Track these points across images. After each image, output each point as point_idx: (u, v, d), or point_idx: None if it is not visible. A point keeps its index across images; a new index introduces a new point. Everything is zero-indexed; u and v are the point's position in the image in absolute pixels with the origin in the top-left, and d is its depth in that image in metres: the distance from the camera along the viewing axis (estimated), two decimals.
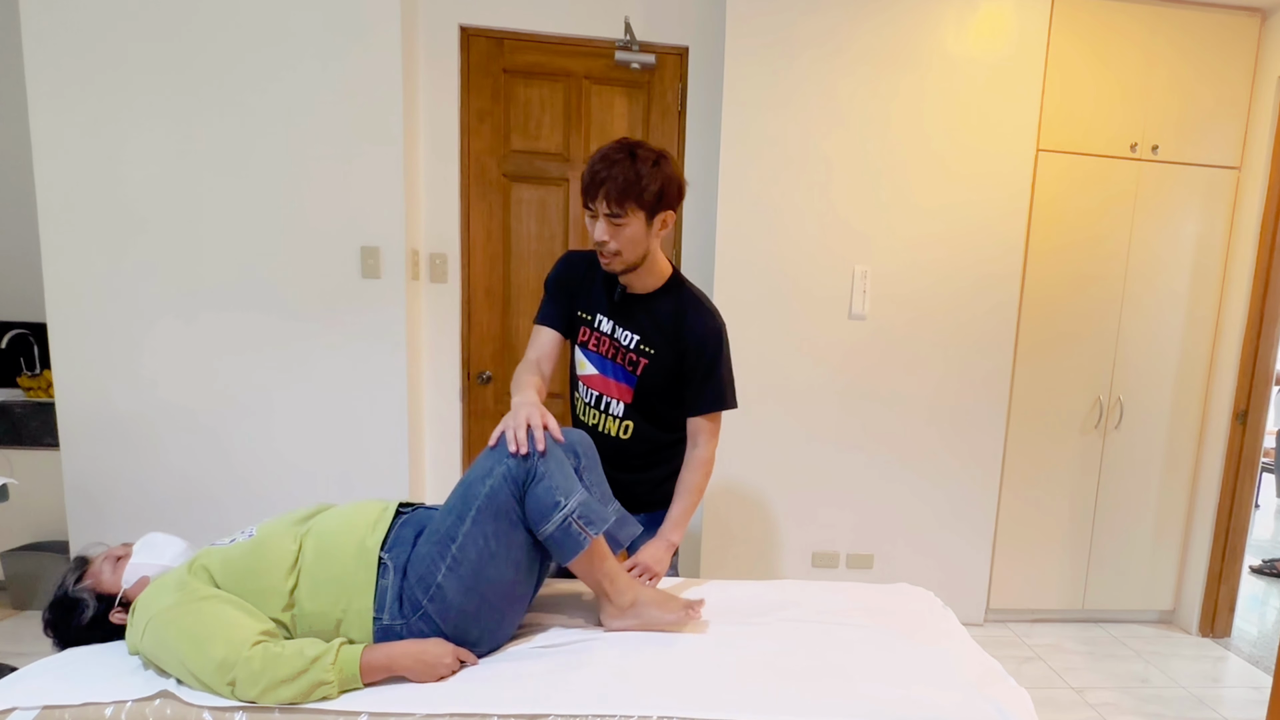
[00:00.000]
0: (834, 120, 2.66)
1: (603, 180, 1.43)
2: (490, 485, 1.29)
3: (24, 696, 1.14)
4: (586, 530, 1.32)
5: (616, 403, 1.61)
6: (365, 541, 1.31)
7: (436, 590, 1.27)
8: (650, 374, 1.57)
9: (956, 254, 2.76)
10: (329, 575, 1.27)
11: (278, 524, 1.35)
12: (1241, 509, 2.96)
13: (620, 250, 1.48)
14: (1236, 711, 2.46)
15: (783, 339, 2.76)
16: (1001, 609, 3.06)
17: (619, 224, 1.45)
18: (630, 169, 1.42)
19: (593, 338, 1.60)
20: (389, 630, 1.27)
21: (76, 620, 1.30)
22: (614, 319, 1.59)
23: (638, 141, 1.48)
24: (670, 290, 1.61)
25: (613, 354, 1.58)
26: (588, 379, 1.63)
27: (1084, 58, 2.74)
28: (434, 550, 1.29)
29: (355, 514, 1.37)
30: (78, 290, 2.43)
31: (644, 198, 1.44)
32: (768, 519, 2.86)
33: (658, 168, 1.45)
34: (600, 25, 2.70)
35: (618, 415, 1.61)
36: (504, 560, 1.31)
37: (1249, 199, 2.84)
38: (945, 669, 1.36)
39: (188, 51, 2.36)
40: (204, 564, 1.28)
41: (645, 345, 1.56)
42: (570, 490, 1.32)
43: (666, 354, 1.57)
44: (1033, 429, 2.94)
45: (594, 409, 1.64)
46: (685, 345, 1.56)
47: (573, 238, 2.84)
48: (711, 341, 1.59)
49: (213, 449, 2.55)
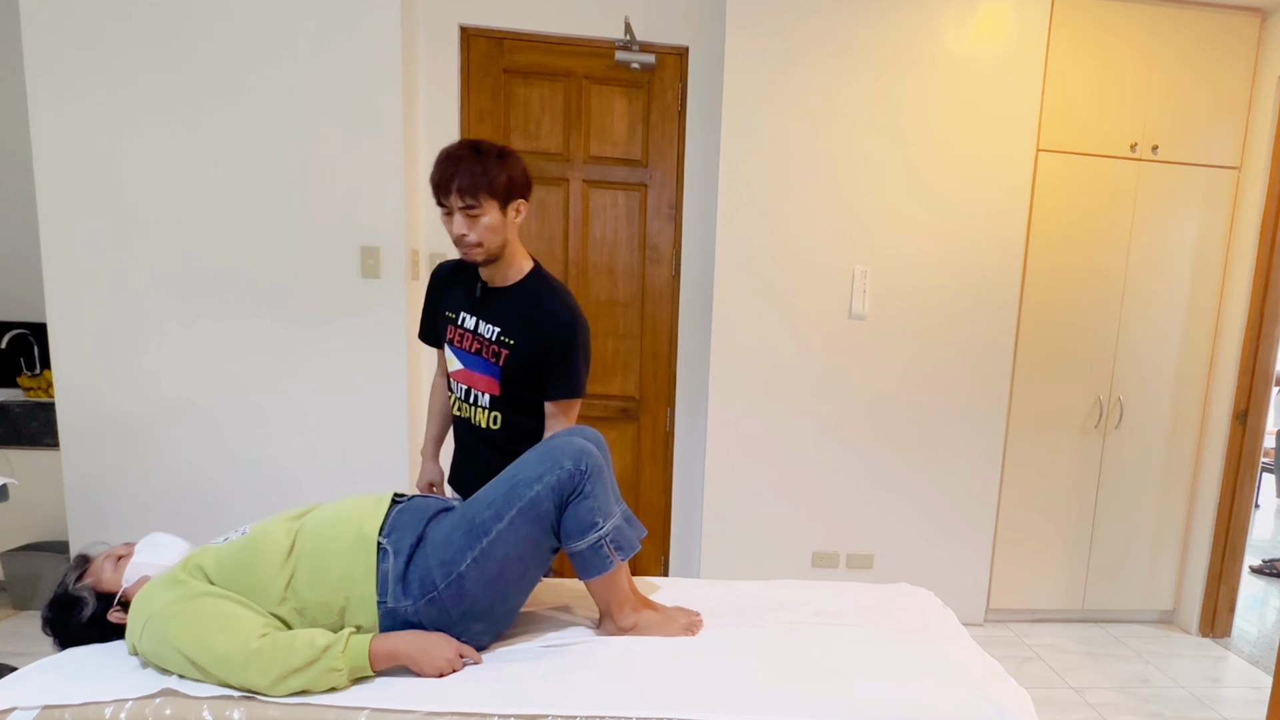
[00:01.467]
0: (834, 120, 2.66)
1: (452, 175, 1.48)
2: (537, 491, 1.31)
3: (24, 696, 1.14)
4: (615, 555, 1.37)
5: (483, 394, 1.66)
6: (362, 529, 1.32)
7: (457, 579, 1.29)
8: (511, 364, 1.61)
9: (957, 254, 2.76)
10: (327, 565, 1.28)
11: (271, 521, 1.36)
12: (1241, 509, 2.96)
13: (480, 240, 1.53)
14: (1236, 711, 2.46)
15: (783, 339, 2.76)
16: (1001, 609, 3.06)
17: (474, 215, 1.50)
18: (476, 163, 1.48)
19: (457, 334, 1.66)
20: (395, 613, 1.28)
21: (76, 618, 1.30)
22: (477, 314, 1.64)
23: (479, 140, 1.55)
24: (529, 282, 1.65)
25: (477, 348, 1.63)
26: (456, 374, 1.69)
27: (1084, 58, 2.74)
28: (462, 539, 1.30)
29: (351, 505, 1.38)
30: (78, 290, 2.43)
31: (494, 187, 1.50)
32: (768, 519, 2.86)
33: (502, 160, 1.51)
34: (600, 25, 2.70)
35: (485, 406, 1.66)
36: (529, 562, 1.35)
37: (1249, 199, 2.84)
38: (945, 669, 1.36)
39: (187, 53, 2.36)
40: (198, 563, 1.28)
41: (506, 336, 1.61)
42: (609, 513, 1.36)
43: (525, 343, 1.60)
44: (1033, 429, 2.94)
45: (464, 402, 1.69)
46: (542, 332, 1.60)
47: (573, 237, 2.84)
48: (567, 329, 1.61)
49: (213, 449, 2.55)
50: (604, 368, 2.92)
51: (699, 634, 1.46)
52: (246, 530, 1.34)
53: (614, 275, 2.89)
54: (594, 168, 2.82)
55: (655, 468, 3.03)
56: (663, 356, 2.95)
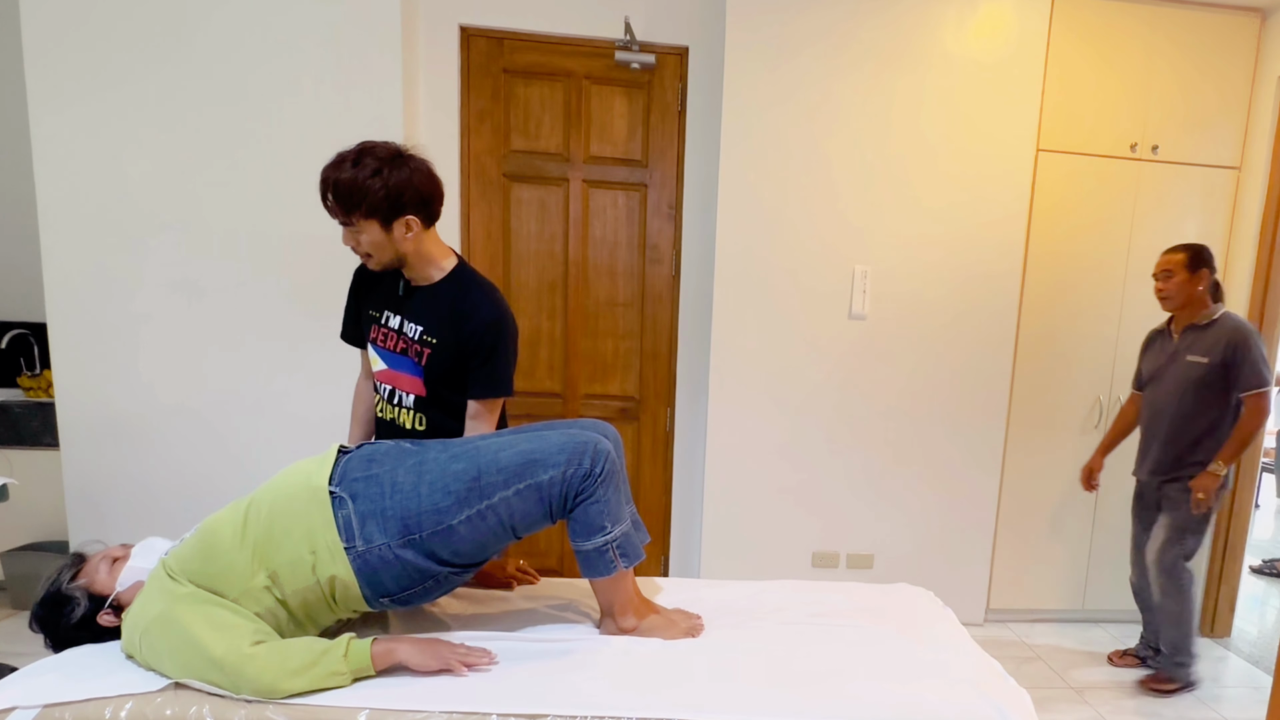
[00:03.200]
0: (834, 120, 2.66)
1: (327, 188, 1.42)
2: (551, 476, 1.31)
3: (24, 696, 1.14)
4: (620, 561, 1.38)
5: (407, 395, 1.60)
6: (310, 481, 1.32)
7: (447, 530, 1.29)
8: (434, 362, 1.56)
9: (956, 254, 2.76)
10: (287, 525, 1.28)
11: (221, 511, 1.37)
12: (1241, 509, 2.96)
13: (369, 253, 1.48)
14: (1236, 711, 2.46)
15: (783, 339, 2.76)
16: (1001, 609, 3.06)
17: (353, 231, 1.45)
18: (350, 175, 1.39)
19: (380, 334, 1.60)
20: (367, 556, 1.28)
21: (66, 618, 1.29)
22: (401, 313, 1.58)
23: (373, 144, 1.44)
24: (452, 279, 1.60)
25: (401, 348, 1.58)
26: (380, 374, 1.63)
27: (1084, 58, 2.74)
28: (463, 491, 1.30)
29: (294, 467, 1.39)
30: (78, 290, 2.43)
31: (371, 203, 1.41)
32: (768, 519, 2.86)
33: (382, 174, 1.40)
34: (600, 25, 2.70)
35: (409, 407, 1.61)
36: (518, 529, 1.35)
37: (1249, 199, 2.84)
38: (945, 669, 1.36)
39: (186, 53, 2.36)
40: (170, 566, 1.28)
41: (428, 335, 1.56)
42: (619, 518, 1.37)
43: (448, 340, 1.56)
44: (1033, 429, 2.94)
45: (387, 403, 1.64)
46: (464, 331, 1.55)
47: (573, 238, 2.84)
48: (491, 327, 1.56)
49: (213, 448, 2.55)
50: (604, 368, 2.93)
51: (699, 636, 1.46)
52: (197, 526, 1.35)
53: (614, 275, 2.89)
54: (594, 168, 2.82)
55: (655, 468, 3.03)
56: (663, 356, 2.95)
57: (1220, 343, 2.35)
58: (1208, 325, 2.40)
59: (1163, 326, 2.58)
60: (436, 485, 1.30)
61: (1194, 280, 2.39)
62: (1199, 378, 2.38)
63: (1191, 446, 2.41)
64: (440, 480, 1.31)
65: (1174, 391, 2.44)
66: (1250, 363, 2.32)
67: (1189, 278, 2.39)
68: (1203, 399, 2.38)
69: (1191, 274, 2.39)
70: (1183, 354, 2.43)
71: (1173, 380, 2.45)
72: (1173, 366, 2.46)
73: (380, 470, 1.34)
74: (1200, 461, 2.39)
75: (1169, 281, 2.42)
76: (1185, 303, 2.42)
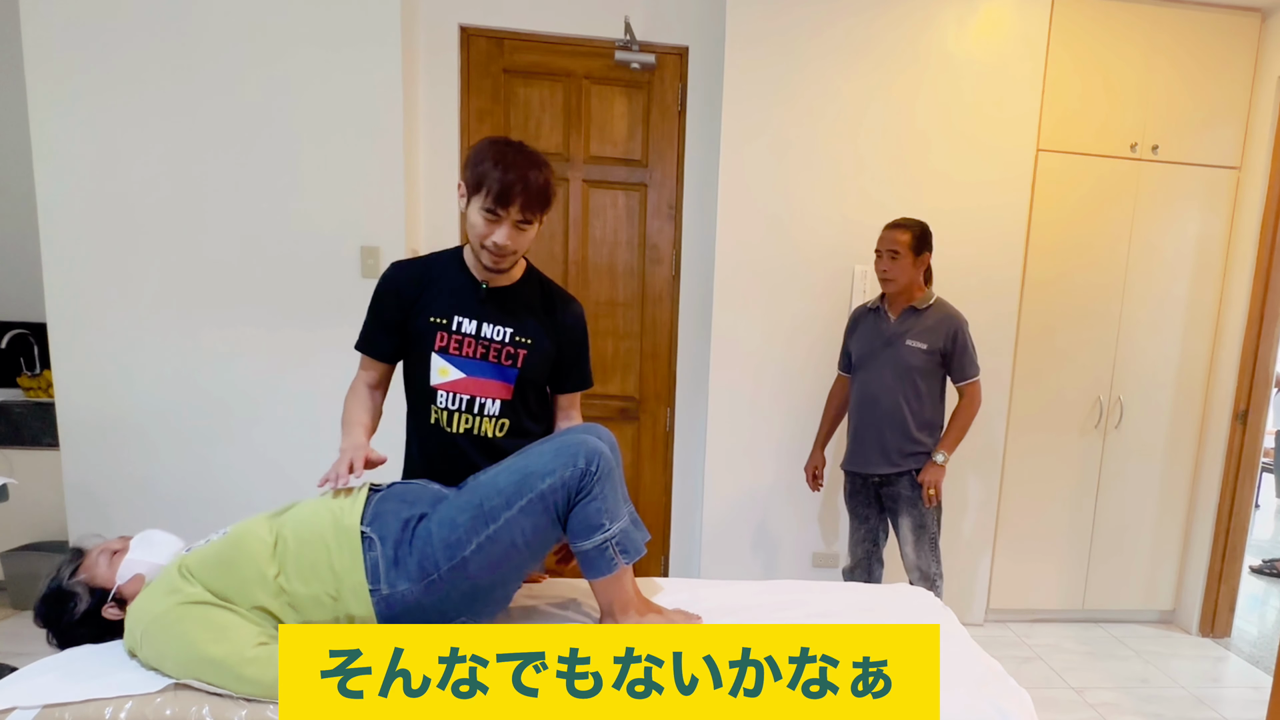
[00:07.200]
0: (834, 120, 2.66)
1: (520, 191, 1.40)
2: (549, 484, 1.32)
3: (24, 696, 1.14)
4: (620, 558, 1.38)
5: (492, 402, 1.55)
6: (342, 520, 1.32)
7: (461, 562, 1.29)
8: (531, 364, 1.56)
9: (956, 253, 2.76)
10: (314, 559, 1.28)
11: (252, 520, 1.36)
12: (1241, 509, 2.96)
13: (517, 251, 1.49)
14: (1236, 711, 2.46)
15: (783, 338, 2.76)
16: (1001, 609, 3.06)
17: (525, 230, 1.46)
18: (540, 177, 1.42)
19: (452, 341, 1.52)
20: (391, 599, 1.28)
21: (69, 614, 1.29)
22: (479, 317, 1.53)
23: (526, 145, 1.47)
24: (532, 280, 1.62)
25: (482, 353, 1.53)
26: (452, 385, 1.54)
27: (1084, 57, 2.74)
28: (469, 522, 1.31)
29: (327, 500, 1.39)
30: (78, 290, 2.43)
31: (549, 205, 1.47)
32: (768, 519, 2.86)
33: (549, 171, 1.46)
34: (600, 25, 2.70)
35: (493, 415, 1.55)
36: (532, 549, 1.35)
37: (1249, 199, 2.84)
38: (945, 669, 1.35)
39: (187, 53, 2.37)
40: (188, 565, 1.27)
41: (521, 336, 1.55)
42: (617, 515, 1.37)
43: (544, 340, 1.57)
44: (1033, 429, 2.94)
45: (465, 413, 1.55)
46: (564, 326, 1.60)
47: (573, 237, 2.84)
48: (582, 324, 1.65)
49: (213, 449, 2.55)
50: (604, 368, 2.92)
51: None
52: (227, 530, 1.34)
53: (614, 275, 2.89)
54: (594, 168, 2.82)
55: (655, 468, 3.03)
56: (663, 356, 2.95)
57: (941, 329, 2.25)
58: (926, 309, 2.28)
59: (874, 304, 2.39)
60: (445, 520, 1.32)
61: (919, 262, 2.26)
62: (920, 365, 2.26)
63: (913, 437, 2.30)
64: (448, 514, 1.33)
65: (894, 376, 2.29)
66: (968, 351, 2.27)
67: (914, 260, 2.25)
68: (925, 386, 2.28)
69: (916, 256, 2.25)
70: (902, 337, 2.28)
71: (891, 365, 2.29)
72: (889, 350, 2.30)
73: (411, 513, 1.35)
74: (922, 452, 2.30)
75: (895, 262, 2.24)
76: (908, 284, 2.28)
